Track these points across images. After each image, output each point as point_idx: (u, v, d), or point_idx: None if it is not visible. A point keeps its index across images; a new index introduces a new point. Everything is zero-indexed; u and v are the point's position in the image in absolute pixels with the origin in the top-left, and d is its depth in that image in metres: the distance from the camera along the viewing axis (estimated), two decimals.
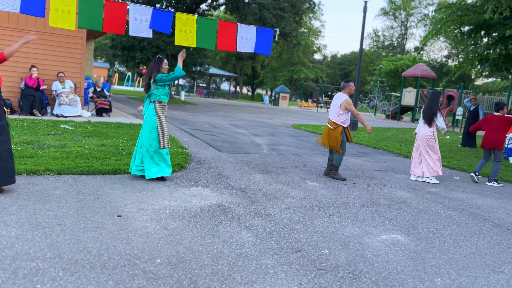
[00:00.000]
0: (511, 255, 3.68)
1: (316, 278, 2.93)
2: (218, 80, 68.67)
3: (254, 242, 3.51)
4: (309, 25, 55.49)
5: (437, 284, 2.98)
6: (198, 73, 27.25)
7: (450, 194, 5.98)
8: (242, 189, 5.29)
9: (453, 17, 9.83)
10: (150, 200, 4.46)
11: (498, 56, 9.54)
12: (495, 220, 4.79)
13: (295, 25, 27.09)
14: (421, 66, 24.23)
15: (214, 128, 12.04)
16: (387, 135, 14.21)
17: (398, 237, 3.91)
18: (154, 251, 3.17)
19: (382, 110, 31.52)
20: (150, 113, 5.25)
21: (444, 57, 54.90)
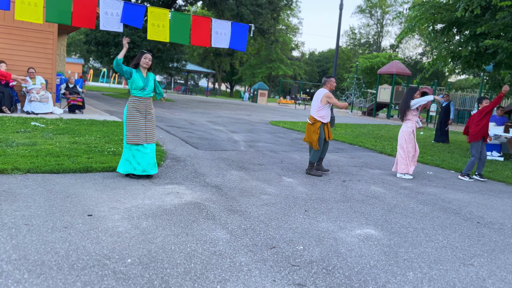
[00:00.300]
0: (481, 248, 3.76)
1: (290, 275, 2.91)
2: (196, 77, 68.12)
3: (228, 239, 3.47)
4: (287, 22, 55.64)
5: (409, 278, 3.01)
6: (175, 69, 26.95)
7: (423, 188, 6.09)
8: (218, 186, 5.24)
9: (427, 14, 9.99)
10: (122, 198, 4.36)
11: (469, 54, 9.75)
12: (466, 213, 4.90)
13: (272, 22, 27.10)
14: (396, 64, 24.63)
15: (191, 125, 11.92)
16: (363, 131, 14.39)
17: (371, 232, 3.94)
18: (125, 250, 3.09)
19: (359, 107, 31.93)
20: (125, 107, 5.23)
21: (419, 54, 56.03)
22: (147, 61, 5.18)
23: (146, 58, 5.18)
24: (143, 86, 5.19)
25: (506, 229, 4.41)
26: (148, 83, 5.23)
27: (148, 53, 5.23)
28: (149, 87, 5.26)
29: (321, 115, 6.40)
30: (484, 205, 5.39)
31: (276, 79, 55.16)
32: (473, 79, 41.02)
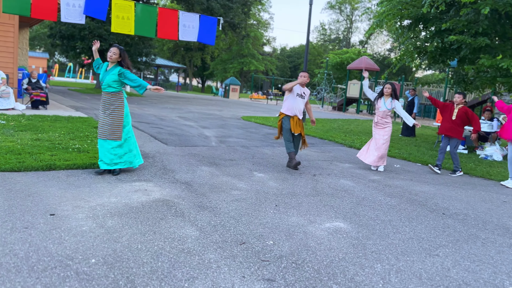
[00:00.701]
0: (446, 239, 3.86)
1: (260, 270, 2.89)
2: (166, 72, 67.09)
3: (197, 236, 3.41)
4: (258, 17, 55.53)
5: (376, 269, 3.05)
6: (144, 64, 26.42)
7: (391, 181, 6.21)
8: (187, 182, 5.16)
9: (394, 10, 10.16)
10: (87, 197, 4.22)
11: (435, 49, 9.99)
12: (432, 205, 5.02)
13: (243, 17, 26.98)
14: (364, 59, 25.04)
15: (160, 121, 11.71)
16: (333, 126, 14.56)
17: (340, 225, 3.98)
18: (89, 250, 2.98)
19: (329, 102, 32.32)
20: None
21: (387, 50, 57.22)
22: (110, 54, 5.04)
23: (110, 52, 5.03)
24: (100, 80, 5.11)
25: (469, 219, 4.54)
26: (105, 77, 5.06)
27: (113, 47, 5.07)
28: (105, 82, 5.06)
29: (284, 107, 6.44)
30: (449, 196, 5.54)
31: (248, 74, 55.06)
32: (439, 74, 42.29)
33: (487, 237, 3.98)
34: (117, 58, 5.09)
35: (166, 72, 67.68)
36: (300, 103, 6.47)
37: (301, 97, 6.47)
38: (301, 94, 6.48)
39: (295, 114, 6.45)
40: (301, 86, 6.51)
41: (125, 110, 5.22)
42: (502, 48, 9.23)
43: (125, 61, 5.15)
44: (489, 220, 4.58)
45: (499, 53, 9.27)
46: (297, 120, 6.48)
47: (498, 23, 9.27)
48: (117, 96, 5.16)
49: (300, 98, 6.46)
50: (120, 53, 5.10)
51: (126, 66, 5.15)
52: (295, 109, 6.42)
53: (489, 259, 3.42)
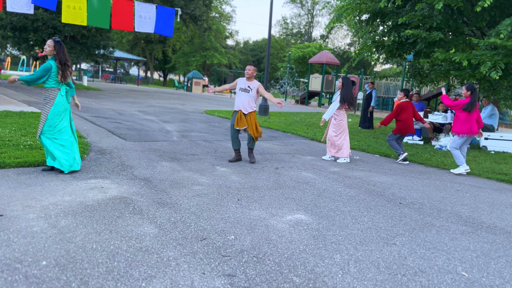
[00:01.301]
0: (402, 228, 3.97)
1: (220, 266, 2.85)
2: (126, 65, 65.32)
3: (156, 234, 3.32)
4: (220, 10, 55.02)
5: (336, 260, 3.09)
6: (102, 56, 25.54)
7: (350, 173, 6.33)
8: (147, 178, 5.02)
9: (353, 5, 10.33)
10: (39, 196, 4.01)
11: (392, 43, 10.25)
12: (389, 195, 5.16)
13: (205, 9, 26.61)
14: (325, 53, 25.39)
15: (119, 115, 11.37)
16: (296, 119, 14.69)
17: (301, 217, 4.00)
18: (39, 252, 2.83)
19: (292, 95, 32.60)
20: None
21: (347, 44, 58.31)
22: (45, 47, 4.71)
23: (46, 44, 4.72)
24: None
25: (425, 208, 4.70)
26: None
27: (50, 39, 4.73)
28: None
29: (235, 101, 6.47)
30: (406, 186, 5.71)
31: (211, 68, 54.53)
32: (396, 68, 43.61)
33: (441, 225, 4.13)
34: (51, 51, 4.74)
35: (126, 65, 65.88)
36: (244, 97, 6.38)
37: (245, 91, 6.39)
38: (245, 88, 6.40)
39: (239, 109, 6.41)
40: (247, 80, 6.44)
41: (53, 109, 4.80)
42: (454, 42, 9.60)
43: (59, 54, 4.75)
44: (444, 208, 4.76)
45: (452, 47, 9.64)
46: (241, 114, 6.37)
47: (451, 18, 9.63)
48: (48, 92, 4.80)
49: (243, 93, 6.39)
50: (55, 45, 4.74)
51: (59, 60, 4.75)
52: (239, 104, 6.40)
53: (443, 246, 3.55)
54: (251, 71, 6.39)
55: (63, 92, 4.86)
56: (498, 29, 7.90)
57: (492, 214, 4.65)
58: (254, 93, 6.40)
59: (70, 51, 22.96)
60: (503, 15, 9.42)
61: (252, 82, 6.45)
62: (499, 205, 5.10)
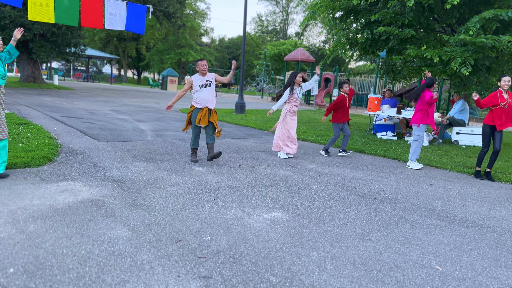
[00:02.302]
0: (378, 223, 4.01)
1: (196, 267, 2.80)
2: (99, 63, 63.93)
3: (129, 237, 3.24)
4: (194, 7, 54.53)
5: (313, 258, 3.09)
6: (73, 54, 24.90)
7: (326, 169, 6.36)
8: (120, 180, 4.91)
9: (326, 2, 10.39)
10: (6, 200, 3.85)
11: (365, 40, 10.37)
12: (364, 191, 5.21)
13: (178, 6, 26.28)
14: (300, 51, 25.52)
15: (91, 115, 11.10)
16: (273, 116, 14.70)
17: (278, 215, 3.99)
18: (6, 259, 2.71)
19: (268, 93, 32.65)
20: None
21: (322, 42, 58.80)
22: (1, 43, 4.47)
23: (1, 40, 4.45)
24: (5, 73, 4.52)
25: (399, 203, 4.77)
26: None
27: None
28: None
29: (194, 99, 6.17)
30: (380, 181, 5.79)
31: (186, 66, 54.00)
32: (370, 65, 44.27)
33: (415, 220, 4.19)
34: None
35: (99, 64, 64.50)
36: (208, 92, 6.14)
37: (207, 85, 6.16)
38: (205, 84, 6.15)
39: (205, 106, 6.16)
40: (201, 76, 6.18)
41: None
42: (426, 39, 9.79)
43: None
44: (417, 203, 4.84)
45: (424, 44, 9.83)
46: (206, 111, 6.15)
47: (422, 15, 9.81)
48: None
49: (206, 88, 6.15)
50: None
51: None
52: (203, 101, 6.14)
53: (417, 241, 3.60)
54: (206, 66, 6.16)
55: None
56: (467, 26, 8.10)
57: (464, 208, 4.76)
58: (214, 85, 6.25)
59: (40, 50, 22.30)
60: (471, 12, 9.67)
61: (208, 75, 6.24)
62: (471, 198, 5.23)
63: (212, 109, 6.23)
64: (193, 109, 6.20)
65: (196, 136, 6.29)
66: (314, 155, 7.62)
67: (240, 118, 13.02)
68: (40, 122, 8.88)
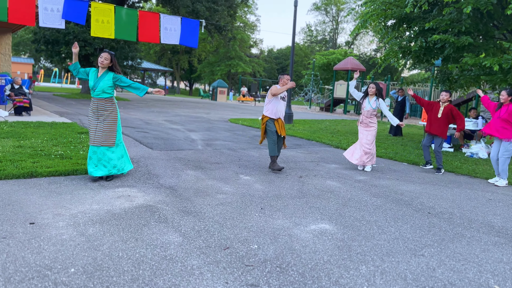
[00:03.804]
0: (431, 238, 3.85)
1: (243, 275, 2.85)
2: (153, 75, 66.71)
3: (180, 242, 3.35)
4: (244, 19, 55.56)
5: (361, 271, 3.03)
6: (130, 67, 26.21)
7: (377, 181, 6.21)
8: (172, 187, 5.09)
9: (378, 11, 10.22)
10: (68, 204, 4.13)
11: (419, 48, 10.06)
12: (417, 204, 5.03)
13: (229, 19, 26.93)
14: (350, 60, 25.18)
15: (146, 125, 11.60)
16: (321, 126, 14.59)
17: (326, 227, 3.95)
18: (68, 260, 2.91)
19: (317, 102, 32.43)
20: None
21: (373, 50, 57.65)
22: (102, 60, 5.01)
23: (102, 57, 5.00)
24: (92, 86, 5.01)
25: (455, 218, 4.56)
26: (98, 83, 5.00)
27: (104, 52, 5.01)
28: (98, 88, 5.01)
29: (266, 110, 6.41)
30: (435, 195, 5.56)
31: (235, 77, 55.01)
32: (425, 74, 42.73)
33: (472, 236, 3.99)
34: (108, 64, 5.05)
35: (153, 76, 67.28)
36: (283, 105, 6.48)
37: (283, 99, 6.48)
38: (283, 97, 6.48)
39: (279, 117, 6.46)
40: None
41: (118, 115, 5.21)
42: (485, 46, 9.33)
43: (116, 66, 5.12)
44: (475, 218, 4.60)
45: (482, 52, 9.37)
46: (281, 122, 6.50)
47: (480, 22, 9.38)
48: (111, 101, 5.13)
49: (282, 101, 6.47)
50: (111, 58, 5.06)
51: (118, 71, 5.12)
52: (279, 112, 6.43)
53: (474, 258, 3.42)
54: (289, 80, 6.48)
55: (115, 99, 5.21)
56: None
57: None
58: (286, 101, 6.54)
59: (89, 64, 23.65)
60: None
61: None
62: None
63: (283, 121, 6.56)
64: (267, 119, 6.40)
65: (275, 144, 6.44)
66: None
67: (288, 128, 13.04)
68: None
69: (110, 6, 5.09)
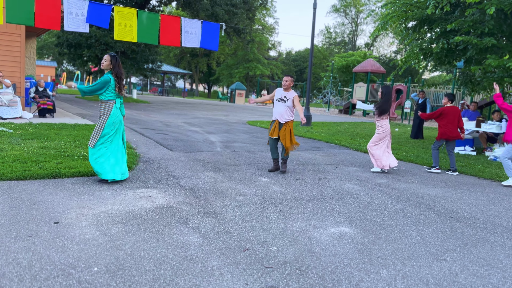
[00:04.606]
0: (454, 243, 3.79)
1: (263, 277, 2.86)
2: (173, 78, 67.48)
3: (200, 243, 3.39)
4: (263, 22, 55.69)
5: (382, 275, 3.00)
6: (150, 70, 26.58)
7: (397, 185, 6.14)
8: (192, 188, 5.14)
9: (398, 12, 10.10)
10: (91, 204, 4.22)
11: (440, 50, 9.90)
12: (439, 208, 4.95)
13: (248, 22, 27.05)
14: (370, 62, 24.94)
15: (166, 127, 11.74)
16: (339, 129, 14.49)
17: (346, 230, 3.93)
18: (91, 259, 2.97)
19: (335, 105, 32.22)
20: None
21: (393, 52, 56.95)
22: (102, 61, 5.08)
23: (102, 59, 5.08)
24: None
25: (478, 222, 4.46)
26: None
27: (107, 54, 5.05)
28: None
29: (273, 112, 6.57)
30: (457, 199, 5.46)
31: (253, 79, 55.16)
32: (446, 76, 41.95)
33: (496, 241, 3.90)
34: (108, 65, 5.05)
35: (173, 78, 68.05)
36: (280, 107, 6.43)
37: (282, 101, 6.45)
38: (282, 98, 6.46)
39: (276, 118, 6.49)
40: (284, 91, 6.50)
41: (109, 120, 5.06)
42: (509, 48, 9.12)
43: (115, 68, 5.05)
44: (498, 223, 4.50)
45: (506, 53, 9.17)
46: (277, 124, 6.47)
47: (504, 23, 9.17)
48: (104, 104, 5.09)
49: (280, 103, 6.45)
50: (111, 60, 5.04)
51: (115, 73, 5.05)
52: (275, 113, 6.50)
53: (498, 263, 3.35)
54: (288, 82, 6.45)
55: (118, 104, 5.14)
56: None
57: None
58: (290, 103, 6.42)
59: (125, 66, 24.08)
60: None
61: (289, 92, 6.50)
62: None
63: (283, 123, 6.43)
64: (271, 121, 6.63)
65: (271, 147, 6.56)
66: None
67: (306, 131, 13.00)
68: None
69: (132, 10, 5.19)
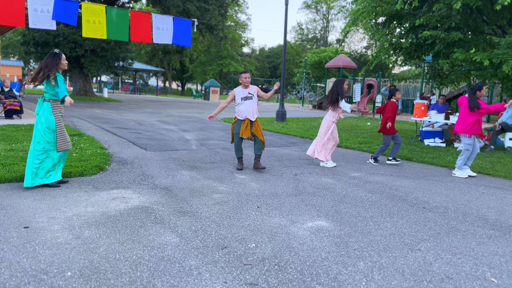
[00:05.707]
0: (427, 233, 3.88)
1: (242, 274, 2.84)
2: (145, 76, 66.41)
3: (178, 243, 3.34)
4: (235, 18, 55.50)
5: (359, 267, 3.04)
6: (121, 68, 26.05)
7: (371, 177, 6.24)
8: (167, 188, 5.07)
9: (368, 8, 10.25)
10: (63, 207, 4.09)
11: (410, 45, 10.12)
12: (412, 199, 5.06)
13: (220, 18, 26.87)
14: (342, 57, 25.26)
15: (139, 126, 11.54)
16: (314, 124, 14.62)
17: (322, 224, 3.96)
18: (64, 263, 2.88)
19: (309, 100, 32.51)
20: (46, 113, 4.73)
21: (364, 48, 57.90)
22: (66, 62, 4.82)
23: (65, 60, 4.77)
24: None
25: (449, 212, 4.59)
26: None
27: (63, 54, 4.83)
28: None
29: (236, 111, 6.32)
30: (429, 190, 5.60)
31: (227, 76, 54.93)
32: (415, 70, 42.99)
33: (467, 229, 4.02)
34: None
35: (145, 76, 66.98)
36: (249, 105, 6.28)
37: (249, 98, 6.30)
38: (247, 96, 6.30)
39: (246, 117, 6.28)
40: (245, 88, 6.34)
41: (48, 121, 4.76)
42: (474, 41, 9.41)
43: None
44: (469, 212, 4.64)
45: (472, 47, 9.45)
46: (248, 123, 6.27)
47: (470, 17, 9.45)
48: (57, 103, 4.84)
49: (247, 101, 6.29)
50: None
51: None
52: (245, 112, 6.27)
53: (470, 251, 3.45)
54: (249, 78, 6.34)
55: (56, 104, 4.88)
56: None
57: None
58: (256, 98, 6.38)
59: (90, 64, 23.51)
60: None
61: (250, 88, 6.39)
62: None
63: (253, 120, 6.33)
64: (236, 120, 6.35)
65: (237, 146, 6.41)
66: (358, 163, 7.49)
67: (281, 127, 13.05)
68: (92, 133, 9.34)
69: (101, 6, 5.04)
